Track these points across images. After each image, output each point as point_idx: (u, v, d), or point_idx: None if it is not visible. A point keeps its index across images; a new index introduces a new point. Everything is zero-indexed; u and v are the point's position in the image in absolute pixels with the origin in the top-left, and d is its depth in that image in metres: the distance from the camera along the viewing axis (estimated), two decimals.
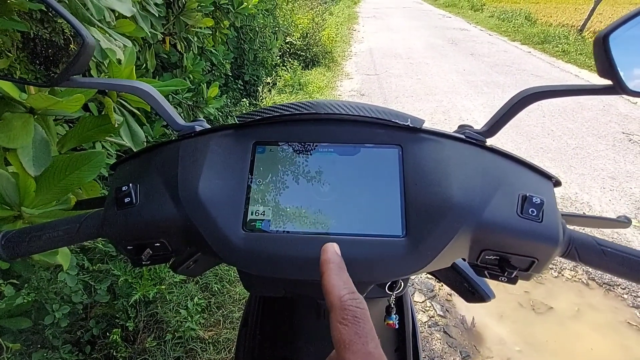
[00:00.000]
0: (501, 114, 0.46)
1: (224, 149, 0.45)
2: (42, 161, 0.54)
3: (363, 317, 0.21)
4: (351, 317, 0.21)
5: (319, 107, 0.45)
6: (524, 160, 0.44)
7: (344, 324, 0.21)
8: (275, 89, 3.99)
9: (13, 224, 0.54)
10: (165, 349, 1.41)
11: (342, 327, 0.21)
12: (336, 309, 0.22)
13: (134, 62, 0.77)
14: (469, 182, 0.40)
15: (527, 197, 0.39)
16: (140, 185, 0.43)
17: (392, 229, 0.39)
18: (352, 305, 0.22)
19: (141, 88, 0.48)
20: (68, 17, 0.40)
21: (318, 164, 0.43)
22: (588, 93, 0.40)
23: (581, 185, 2.65)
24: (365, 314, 0.22)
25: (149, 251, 0.43)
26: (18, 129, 0.50)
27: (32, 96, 0.53)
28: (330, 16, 8.01)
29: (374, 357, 0.20)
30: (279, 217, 0.41)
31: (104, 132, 0.68)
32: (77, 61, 0.41)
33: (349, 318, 0.21)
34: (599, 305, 1.78)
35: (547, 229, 0.38)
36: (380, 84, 4.76)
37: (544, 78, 4.98)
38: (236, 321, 1.57)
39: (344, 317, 0.21)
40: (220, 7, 2.12)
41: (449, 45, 6.85)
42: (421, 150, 0.43)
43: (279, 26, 4.04)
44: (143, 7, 1.17)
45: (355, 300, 0.22)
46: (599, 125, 3.58)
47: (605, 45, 0.36)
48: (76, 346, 1.31)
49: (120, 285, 1.41)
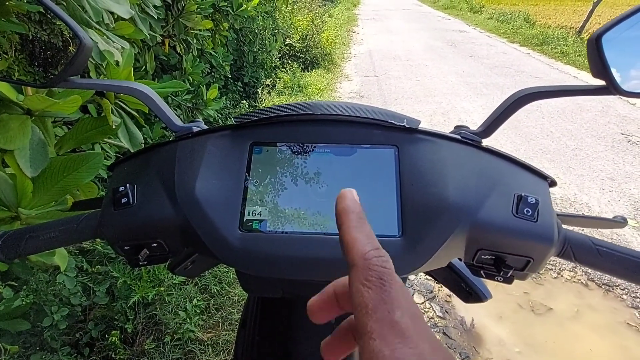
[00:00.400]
0: (497, 115, 0.46)
1: (221, 149, 0.45)
2: (39, 162, 0.54)
3: (390, 280, 0.18)
4: (376, 279, 0.18)
5: (315, 108, 0.45)
6: (519, 161, 0.44)
7: (368, 286, 0.18)
8: (275, 90, 4.00)
9: (10, 225, 0.54)
10: (164, 350, 1.40)
11: (365, 290, 0.18)
12: (358, 268, 0.19)
13: (132, 64, 0.77)
14: (464, 182, 0.40)
15: (523, 197, 0.40)
16: (137, 186, 0.44)
17: (388, 229, 0.39)
18: (377, 264, 0.19)
19: (138, 89, 0.48)
20: (65, 18, 0.40)
21: (315, 164, 0.44)
22: (582, 93, 0.41)
23: (580, 186, 2.65)
24: (392, 276, 0.18)
25: (146, 251, 0.43)
26: (15, 131, 0.50)
27: (29, 98, 0.53)
28: (329, 18, 8.03)
29: (400, 328, 0.16)
30: (276, 217, 0.41)
31: (102, 133, 0.68)
32: (74, 62, 0.41)
33: (373, 280, 0.18)
34: (598, 306, 1.78)
35: (542, 228, 0.39)
36: (379, 86, 4.77)
37: (543, 80, 5.00)
38: (235, 323, 1.57)
39: (368, 278, 0.18)
40: (220, 9, 2.12)
41: (448, 47, 6.87)
42: (417, 150, 0.43)
43: (278, 28, 4.05)
44: (142, 9, 1.17)
45: (381, 259, 0.19)
46: (597, 127, 3.58)
47: (598, 46, 0.36)
48: (75, 348, 1.30)
49: (119, 287, 1.41)
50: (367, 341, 0.16)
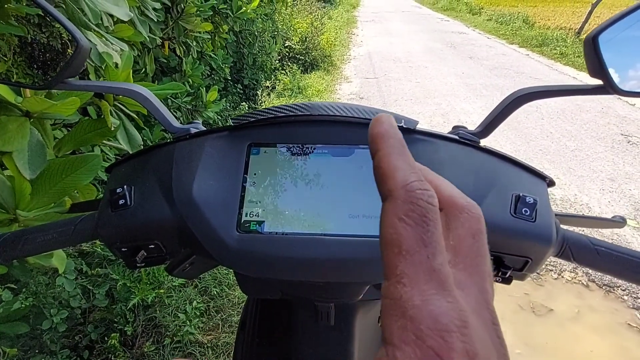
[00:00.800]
0: (495, 115, 0.47)
1: (218, 150, 0.45)
2: (37, 164, 0.54)
3: (435, 219, 0.15)
4: (418, 215, 0.14)
5: (313, 109, 0.45)
6: (517, 161, 0.44)
7: (406, 222, 0.14)
8: (275, 92, 4.01)
9: (8, 227, 0.54)
10: (163, 353, 1.40)
11: (402, 226, 0.14)
12: (397, 199, 0.15)
13: (132, 66, 0.78)
14: (462, 182, 0.40)
15: (521, 197, 0.40)
16: (134, 187, 0.44)
17: None
18: (422, 197, 0.15)
19: (136, 90, 0.48)
20: (62, 20, 0.40)
21: (312, 165, 0.44)
22: (580, 93, 0.41)
23: (580, 187, 2.65)
24: (437, 214, 0.15)
25: (144, 253, 0.43)
26: (13, 132, 0.50)
27: (27, 99, 0.53)
28: (329, 20, 8.05)
29: (439, 277, 0.13)
30: (274, 218, 0.41)
31: (100, 135, 0.68)
32: (71, 64, 0.41)
33: (414, 215, 0.14)
34: (599, 307, 1.77)
35: (541, 228, 0.38)
36: (379, 88, 4.78)
37: (543, 80, 5.00)
38: (235, 325, 1.56)
39: (408, 213, 0.15)
40: (219, 11, 2.13)
41: (448, 49, 6.88)
42: (415, 151, 0.43)
43: (278, 30, 4.06)
44: (141, 11, 1.17)
45: (427, 192, 0.15)
46: (597, 127, 3.58)
47: (595, 46, 0.36)
48: (74, 351, 1.30)
49: (118, 289, 1.40)
50: (393, 285, 0.14)
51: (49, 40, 0.79)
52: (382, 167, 0.17)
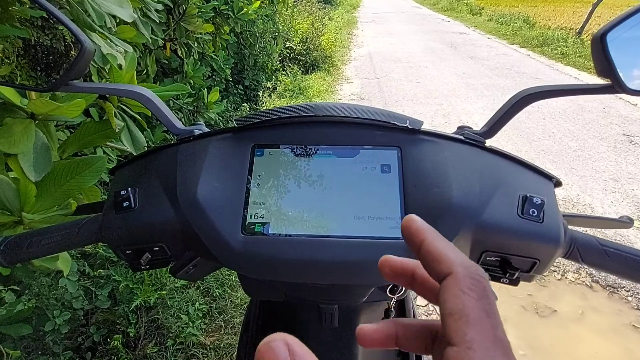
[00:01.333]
0: (500, 115, 0.46)
1: (222, 152, 0.45)
2: (42, 166, 0.54)
3: (491, 295, 0.17)
4: (480, 290, 0.17)
5: (317, 110, 0.45)
6: (523, 161, 0.44)
7: (470, 294, 0.16)
8: (276, 93, 4.01)
9: (13, 230, 0.54)
10: (166, 355, 1.40)
11: (467, 298, 0.16)
12: (459, 275, 0.17)
13: (135, 68, 0.78)
14: (468, 183, 0.40)
15: (528, 198, 0.39)
16: (139, 189, 0.43)
17: (391, 230, 0.39)
18: (479, 275, 0.17)
19: (139, 92, 0.48)
20: (66, 22, 0.40)
21: (317, 166, 0.43)
22: (587, 92, 0.40)
23: (583, 187, 2.64)
24: (491, 293, 0.17)
25: (148, 255, 0.43)
26: (19, 134, 0.50)
27: (32, 101, 0.53)
28: (329, 21, 8.05)
29: (503, 345, 0.15)
30: (278, 219, 0.41)
31: (105, 137, 0.68)
32: (75, 66, 0.41)
33: (476, 289, 0.17)
34: (603, 308, 1.76)
35: (548, 229, 0.38)
36: (380, 88, 4.78)
37: (544, 81, 4.99)
38: (238, 326, 1.56)
39: (470, 287, 0.17)
40: (221, 12, 2.13)
41: (449, 49, 6.88)
42: (420, 151, 0.43)
43: (278, 31, 4.06)
44: (144, 13, 1.18)
45: (480, 271, 0.18)
46: (599, 127, 3.57)
47: (603, 44, 0.36)
48: (77, 353, 1.30)
49: (121, 291, 1.40)
50: (464, 351, 0.15)
51: (52, 43, 0.79)
52: (434, 251, 0.19)
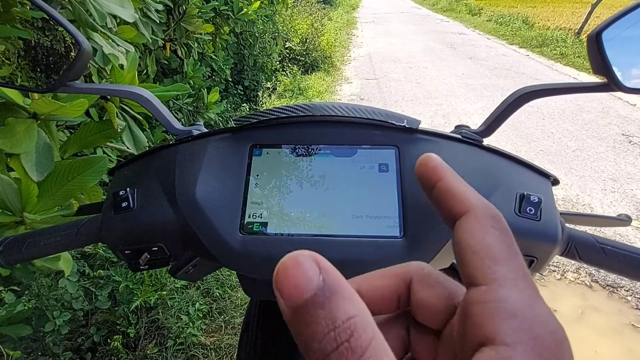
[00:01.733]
0: (497, 114, 0.46)
1: (221, 152, 0.45)
2: (44, 166, 0.54)
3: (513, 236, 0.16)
4: (502, 227, 0.16)
5: (315, 110, 0.45)
6: (521, 159, 0.44)
7: (493, 233, 0.15)
8: (275, 94, 4.01)
9: (15, 230, 0.54)
10: (166, 355, 1.40)
11: (491, 236, 0.15)
12: (480, 212, 0.16)
13: (136, 68, 0.78)
14: (466, 181, 0.40)
15: (525, 196, 0.39)
16: (137, 190, 0.44)
17: (389, 229, 0.39)
18: (498, 214, 0.16)
19: (138, 93, 0.48)
20: (65, 23, 0.40)
21: (315, 165, 0.44)
22: (583, 90, 0.41)
23: (582, 187, 2.65)
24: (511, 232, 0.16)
25: (147, 255, 0.43)
26: (21, 134, 0.51)
27: (35, 101, 0.53)
28: (329, 21, 8.06)
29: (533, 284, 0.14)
30: (277, 219, 0.41)
31: (106, 137, 0.69)
32: (73, 67, 0.41)
33: (500, 227, 0.16)
34: (602, 308, 1.77)
35: (546, 227, 0.38)
36: (379, 88, 4.78)
37: (543, 81, 4.99)
38: (238, 326, 1.56)
39: (493, 225, 0.16)
40: (221, 13, 2.14)
41: (448, 50, 6.88)
42: (418, 150, 0.43)
43: (278, 32, 4.07)
44: (144, 13, 1.18)
45: (499, 212, 0.17)
46: (598, 127, 3.58)
47: (599, 43, 0.36)
48: (77, 353, 1.30)
49: (121, 291, 1.40)
50: (494, 289, 0.14)
51: (52, 44, 0.79)
52: (451, 189, 0.18)
